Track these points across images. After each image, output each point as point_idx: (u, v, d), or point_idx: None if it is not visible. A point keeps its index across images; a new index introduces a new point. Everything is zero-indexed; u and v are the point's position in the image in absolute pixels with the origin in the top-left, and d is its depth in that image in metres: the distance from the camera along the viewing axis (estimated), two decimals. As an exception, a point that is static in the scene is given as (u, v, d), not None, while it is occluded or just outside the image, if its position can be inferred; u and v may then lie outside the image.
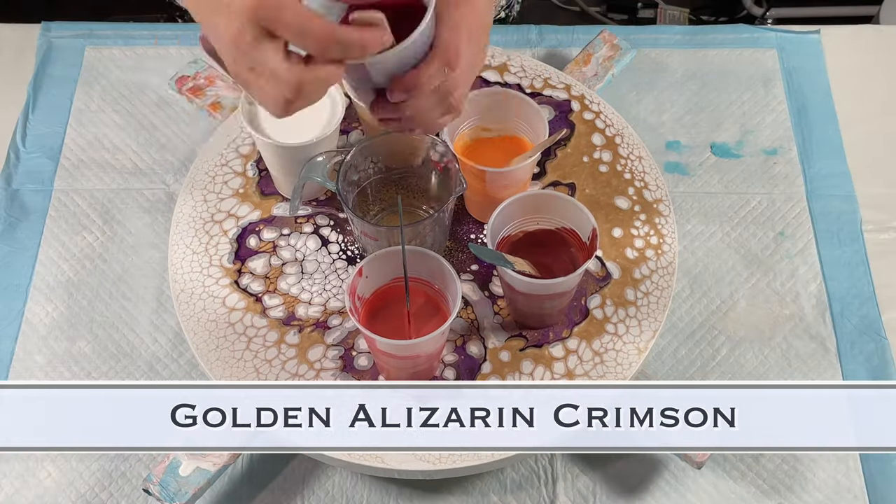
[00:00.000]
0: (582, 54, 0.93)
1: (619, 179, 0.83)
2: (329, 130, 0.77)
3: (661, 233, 0.80)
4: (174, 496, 0.71)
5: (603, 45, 0.93)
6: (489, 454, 0.71)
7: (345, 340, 0.75)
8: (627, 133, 0.85)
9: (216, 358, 0.74)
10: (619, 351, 0.75)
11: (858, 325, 0.85)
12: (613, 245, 0.80)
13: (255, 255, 0.80)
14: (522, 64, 0.90)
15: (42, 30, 1.01)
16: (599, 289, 0.78)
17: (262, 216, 0.82)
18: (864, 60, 1.02)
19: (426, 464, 0.70)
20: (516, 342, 0.75)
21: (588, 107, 0.87)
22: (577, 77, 0.91)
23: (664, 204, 0.81)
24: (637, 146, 0.85)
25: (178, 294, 0.77)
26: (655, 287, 0.78)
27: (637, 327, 0.76)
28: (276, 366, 0.74)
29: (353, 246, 0.80)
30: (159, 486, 0.72)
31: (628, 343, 0.75)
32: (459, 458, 0.70)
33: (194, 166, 0.84)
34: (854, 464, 0.79)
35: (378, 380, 0.73)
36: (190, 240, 0.80)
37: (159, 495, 0.71)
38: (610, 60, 0.93)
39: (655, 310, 0.77)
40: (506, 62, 0.90)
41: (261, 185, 0.83)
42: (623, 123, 0.86)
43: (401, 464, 0.70)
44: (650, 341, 0.75)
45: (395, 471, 0.71)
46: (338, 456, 0.71)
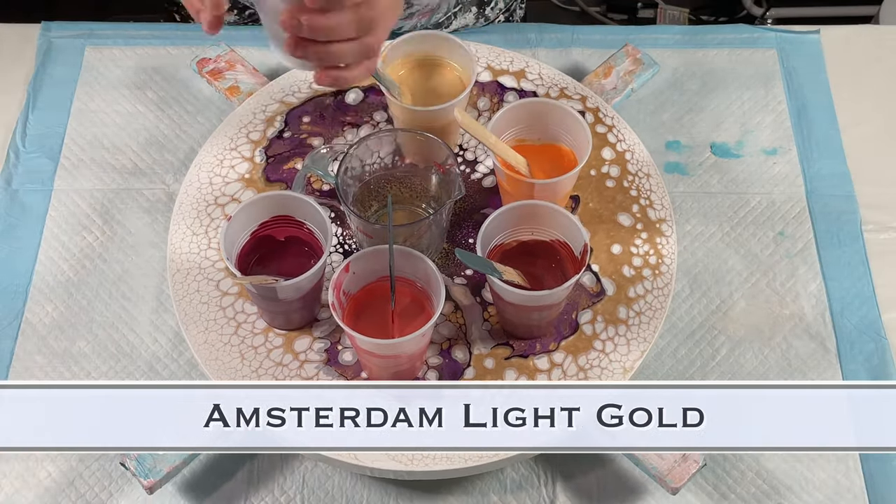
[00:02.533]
0: (602, 66, 0.93)
1: (624, 196, 0.82)
2: None
3: (660, 253, 0.79)
4: (149, 472, 0.72)
5: (625, 58, 0.93)
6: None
7: (332, 334, 0.75)
8: (639, 150, 0.85)
9: (203, 340, 0.75)
10: (604, 368, 0.74)
11: (858, 325, 0.85)
12: (611, 261, 0.79)
13: (254, 242, 0.80)
14: (540, 72, 0.89)
15: (42, 30, 1.01)
16: (592, 304, 0.77)
17: (266, 203, 0.82)
18: (864, 60, 1.02)
19: (399, 464, 0.70)
20: (502, 350, 0.75)
21: (602, 120, 0.86)
22: (596, 89, 0.91)
23: (667, 224, 0.81)
24: (646, 163, 0.84)
25: (173, 273, 0.78)
26: (648, 307, 0.77)
27: (625, 346, 0.75)
28: (262, 353, 0.74)
29: (351, 240, 0.80)
30: (136, 462, 0.72)
31: (615, 361, 0.74)
32: (433, 460, 0.70)
33: (203, 148, 0.85)
34: (854, 464, 0.79)
35: (361, 377, 0.73)
36: (191, 221, 0.80)
37: (135, 470, 0.72)
38: (631, 75, 0.92)
39: (646, 330, 0.76)
40: (524, 69, 0.89)
41: (267, 172, 0.83)
42: (635, 140, 0.85)
43: (373, 462, 0.70)
44: (637, 361, 0.74)
45: (367, 468, 0.71)
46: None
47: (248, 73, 0.91)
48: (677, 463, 0.72)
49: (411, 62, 0.82)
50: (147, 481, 0.72)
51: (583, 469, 0.79)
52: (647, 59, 0.92)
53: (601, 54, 0.99)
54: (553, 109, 0.77)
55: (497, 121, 0.76)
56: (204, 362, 0.74)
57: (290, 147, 0.85)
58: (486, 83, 0.88)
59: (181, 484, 0.77)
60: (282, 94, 0.88)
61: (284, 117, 0.86)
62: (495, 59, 0.90)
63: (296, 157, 0.84)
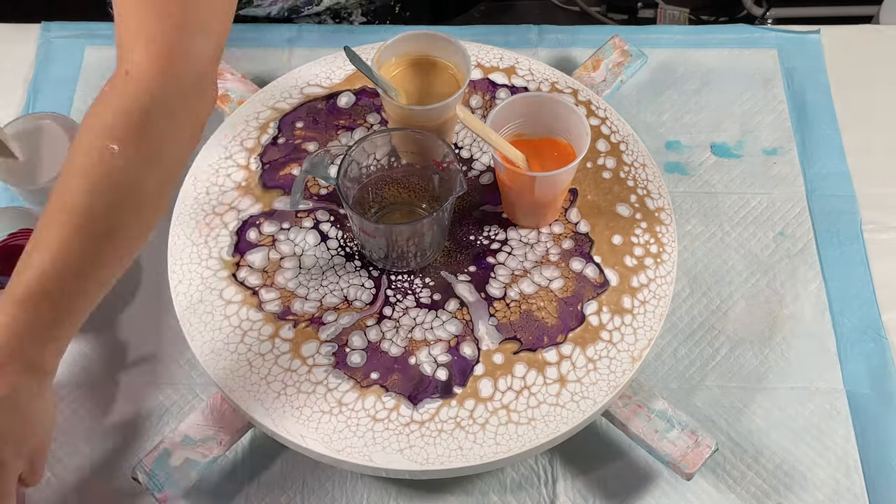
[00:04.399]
0: (591, 59, 0.93)
1: (621, 186, 0.83)
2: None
3: (661, 241, 0.79)
4: (162, 485, 0.71)
5: (613, 50, 0.93)
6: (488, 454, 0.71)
7: (339, 337, 0.75)
8: (632, 140, 0.85)
9: (210, 350, 0.74)
10: (612, 359, 0.74)
11: (858, 325, 0.85)
12: (613, 252, 0.79)
13: (254, 248, 0.79)
14: (531, 67, 0.90)
15: (42, 30, 1.01)
16: (597, 295, 0.77)
17: (264, 210, 0.82)
18: (864, 60, 1.02)
19: (414, 464, 0.70)
20: (510, 345, 0.75)
21: (594, 112, 0.87)
22: (586, 82, 0.91)
23: (666, 213, 0.81)
24: (641, 154, 0.84)
25: (175, 285, 0.77)
26: (653, 296, 0.77)
27: (632, 335, 0.75)
28: (269, 360, 0.74)
29: (352, 242, 0.80)
30: (148, 475, 0.72)
31: (622, 351, 0.74)
32: (448, 459, 0.70)
33: (198, 158, 0.84)
34: (854, 464, 0.79)
35: (370, 377, 0.73)
36: (190, 231, 0.80)
37: (147, 484, 0.72)
38: (619, 66, 0.92)
39: (652, 318, 0.76)
40: (514, 65, 0.90)
41: (263, 179, 0.83)
42: (628, 130, 0.85)
43: (388, 463, 0.70)
44: (645, 350, 0.74)
45: (382, 469, 0.71)
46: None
47: (238, 81, 0.91)
48: (690, 448, 0.73)
49: (405, 62, 0.82)
50: (161, 494, 0.71)
51: (584, 469, 0.78)
52: (635, 51, 0.93)
53: (601, 54, 0.99)
54: (550, 103, 0.77)
55: (495, 116, 0.76)
56: (212, 372, 0.73)
57: (286, 153, 0.84)
58: (478, 81, 0.89)
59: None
60: (273, 100, 0.87)
61: (278, 123, 0.86)
62: (485, 55, 0.90)
63: (291, 163, 0.84)
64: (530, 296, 0.77)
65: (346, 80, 0.89)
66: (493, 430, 0.71)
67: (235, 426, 0.74)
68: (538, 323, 0.76)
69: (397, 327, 0.75)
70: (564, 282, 0.77)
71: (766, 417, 0.81)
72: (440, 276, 0.78)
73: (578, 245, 0.79)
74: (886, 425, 0.80)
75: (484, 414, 0.71)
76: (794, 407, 0.81)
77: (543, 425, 0.71)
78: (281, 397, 0.72)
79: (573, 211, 0.81)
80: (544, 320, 0.76)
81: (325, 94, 0.88)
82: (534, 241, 0.80)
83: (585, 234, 0.80)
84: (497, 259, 0.79)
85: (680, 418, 0.74)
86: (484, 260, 0.79)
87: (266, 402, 0.72)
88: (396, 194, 0.81)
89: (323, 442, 0.70)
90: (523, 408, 0.72)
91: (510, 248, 0.79)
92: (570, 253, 0.79)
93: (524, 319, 0.76)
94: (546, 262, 0.79)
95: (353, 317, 0.76)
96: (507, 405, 0.72)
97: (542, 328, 0.75)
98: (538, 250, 0.79)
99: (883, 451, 0.79)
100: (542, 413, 0.72)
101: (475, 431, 0.71)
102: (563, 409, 0.72)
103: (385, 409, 0.72)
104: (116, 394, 0.81)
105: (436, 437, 0.71)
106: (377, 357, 0.74)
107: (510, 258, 0.79)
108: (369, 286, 0.78)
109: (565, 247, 0.79)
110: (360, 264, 0.79)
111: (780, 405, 0.81)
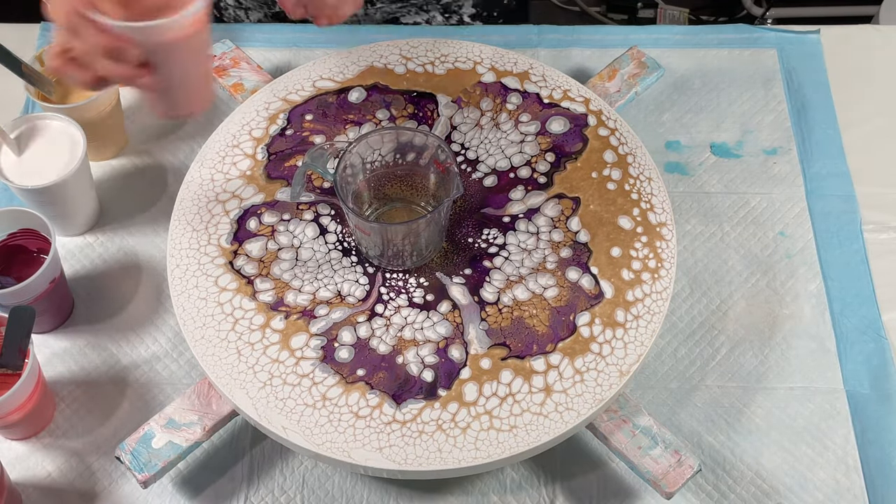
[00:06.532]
0: (607, 69, 0.92)
1: (625, 199, 0.82)
2: (71, 170, 0.82)
3: (660, 257, 0.79)
4: (143, 467, 0.72)
5: (630, 61, 0.92)
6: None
7: (328, 331, 0.75)
8: (640, 153, 0.84)
9: (201, 336, 0.75)
10: (600, 371, 0.73)
11: (858, 325, 0.85)
12: (610, 264, 0.78)
13: (253, 237, 0.80)
14: (544, 73, 0.89)
15: (42, 30, 1.01)
16: (590, 306, 0.76)
17: (266, 199, 0.82)
18: (864, 60, 1.02)
19: (392, 463, 0.70)
20: (499, 351, 0.75)
21: (604, 123, 0.86)
22: (600, 92, 0.90)
23: (667, 228, 0.80)
24: (648, 167, 0.83)
25: (172, 269, 0.78)
26: (647, 311, 0.76)
27: (623, 349, 0.74)
28: (258, 350, 0.74)
29: (351, 238, 0.80)
30: (130, 455, 0.72)
31: (611, 364, 0.74)
32: (427, 461, 0.70)
33: (205, 145, 0.85)
34: (854, 464, 0.79)
35: (356, 374, 0.73)
36: (192, 217, 0.81)
37: (129, 464, 0.72)
38: (635, 78, 0.91)
39: (644, 334, 0.75)
40: (527, 70, 0.89)
41: (268, 169, 0.84)
42: (637, 143, 0.85)
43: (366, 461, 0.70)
44: (633, 365, 0.74)
45: (360, 467, 0.71)
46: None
47: (253, 71, 0.92)
48: (672, 467, 0.72)
49: None
50: (142, 475, 0.72)
51: (583, 469, 0.78)
52: (652, 63, 0.92)
53: (601, 54, 0.99)
54: None
55: None
56: (201, 358, 0.74)
57: (292, 144, 0.85)
58: (490, 84, 0.88)
59: (180, 484, 0.78)
60: (285, 91, 0.88)
61: (287, 115, 0.86)
62: (499, 59, 0.90)
63: (297, 155, 0.84)
64: (523, 302, 0.77)
65: (359, 75, 0.89)
66: (473, 434, 0.71)
67: (220, 413, 0.75)
68: (529, 330, 0.75)
69: (388, 325, 0.76)
70: (559, 290, 0.77)
71: (765, 417, 0.81)
72: (435, 277, 0.78)
73: (577, 254, 0.79)
74: (886, 425, 0.80)
75: (466, 418, 0.71)
76: (793, 407, 0.81)
77: (525, 434, 0.71)
78: (266, 387, 0.72)
79: (574, 220, 0.81)
80: (535, 328, 0.75)
81: (336, 88, 0.88)
82: (532, 248, 0.79)
83: (584, 243, 0.79)
84: (493, 263, 0.79)
85: (664, 436, 0.73)
86: (480, 263, 0.79)
87: (251, 392, 0.72)
88: (397, 190, 0.81)
89: (304, 435, 0.70)
90: (506, 415, 0.72)
91: (507, 254, 0.79)
92: (567, 262, 0.79)
93: (515, 326, 0.76)
94: (542, 269, 0.78)
95: (345, 312, 0.76)
96: (490, 411, 0.72)
97: (533, 336, 0.75)
98: (535, 257, 0.79)
99: (883, 451, 0.79)
100: (524, 421, 0.71)
101: (456, 435, 0.71)
102: (546, 418, 0.71)
103: (368, 406, 0.72)
104: (116, 393, 0.81)
105: (416, 438, 0.71)
106: (365, 354, 0.74)
107: (507, 263, 0.79)
108: (364, 282, 0.78)
109: (563, 255, 0.79)
110: (357, 260, 0.79)
111: (780, 405, 0.81)
